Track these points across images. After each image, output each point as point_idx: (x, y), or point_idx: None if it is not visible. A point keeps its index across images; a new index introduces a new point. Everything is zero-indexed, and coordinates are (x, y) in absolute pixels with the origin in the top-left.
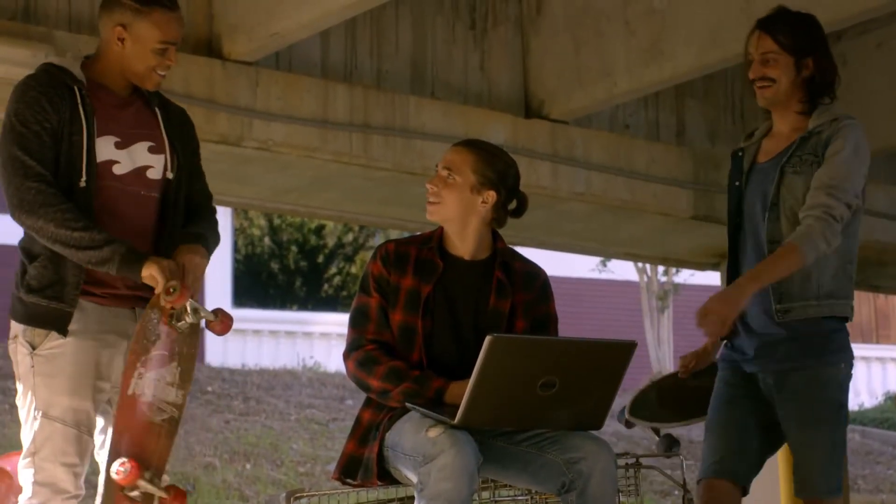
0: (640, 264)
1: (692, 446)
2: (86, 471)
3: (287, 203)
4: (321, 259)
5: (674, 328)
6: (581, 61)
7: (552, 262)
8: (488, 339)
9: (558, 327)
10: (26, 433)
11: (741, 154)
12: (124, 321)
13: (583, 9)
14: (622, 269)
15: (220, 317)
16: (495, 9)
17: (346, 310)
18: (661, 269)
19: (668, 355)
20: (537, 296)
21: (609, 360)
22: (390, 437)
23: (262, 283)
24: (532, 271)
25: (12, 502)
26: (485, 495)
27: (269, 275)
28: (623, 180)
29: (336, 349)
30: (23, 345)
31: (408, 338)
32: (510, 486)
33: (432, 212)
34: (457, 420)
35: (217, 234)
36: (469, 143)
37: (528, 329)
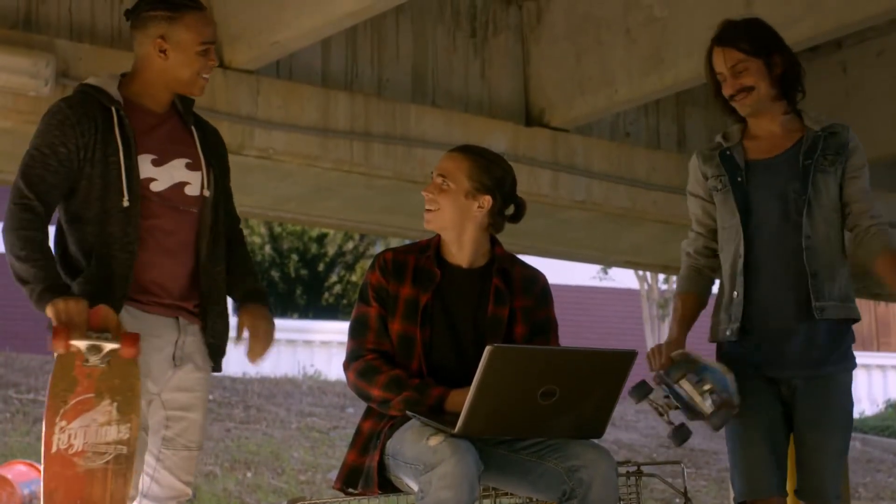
0: (640, 272)
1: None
2: (142, 466)
3: (288, 211)
4: (322, 267)
5: None
6: (582, 69)
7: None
8: (488, 348)
9: (559, 334)
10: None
11: (729, 153)
12: (167, 329)
13: (583, 17)
14: (623, 278)
15: (122, 341)
16: (496, 17)
17: (347, 318)
18: (661, 276)
19: None
20: (537, 301)
21: (609, 369)
22: (391, 446)
23: None
24: (531, 276)
25: None
26: (486, 503)
27: (270, 283)
28: (624, 188)
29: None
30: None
31: (407, 347)
32: (511, 494)
33: (429, 220)
34: (457, 429)
35: (253, 266)
36: (463, 148)
37: (528, 334)
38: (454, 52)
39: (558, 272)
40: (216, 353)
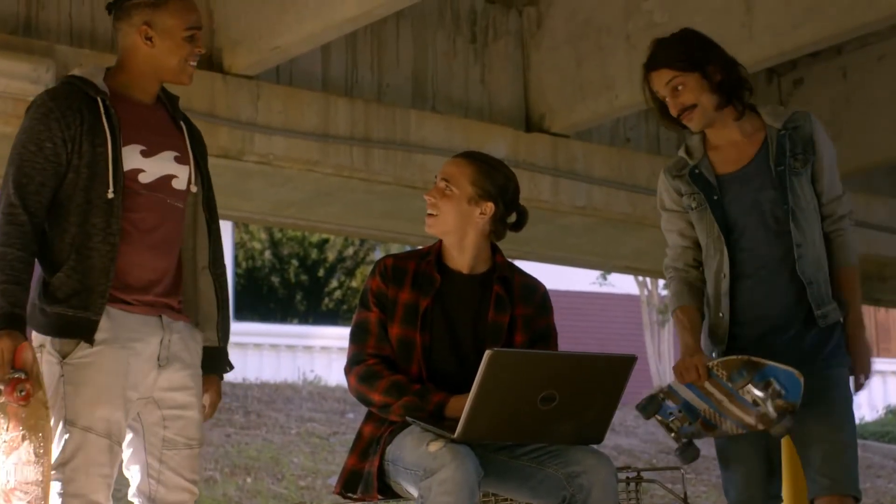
0: (640, 278)
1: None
2: (114, 481)
3: (288, 217)
4: (322, 273)
5: (674, 342)
6: (582, 75)
7: (553, 276)
8: (488, 353)
9: (558, 341)
10: (53, 444)
11: (698, 171)
12: (151, 328)
13: (584, 22)
14: (623, 283)
15: (6, 385)
16: (496, 22)
17: (347, 324)
18: (661, 282)
19: (668, 369)
20: (537, 309)
21: (609, 374)
22: (391, 452)
23: (263, 297)
24: (531, 285)
25: None
26: None
27: (270, 289)
28: (624, 194)
29: (337, 363)
30: (51, 353)
31: (406, 352)
32: (511, 500)
33: (431, 224)
34: (457, 434)
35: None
36: (468, 154)
37: (527, 343)
38: (454, 58)
39: (558, 277)
40: (220, 354)
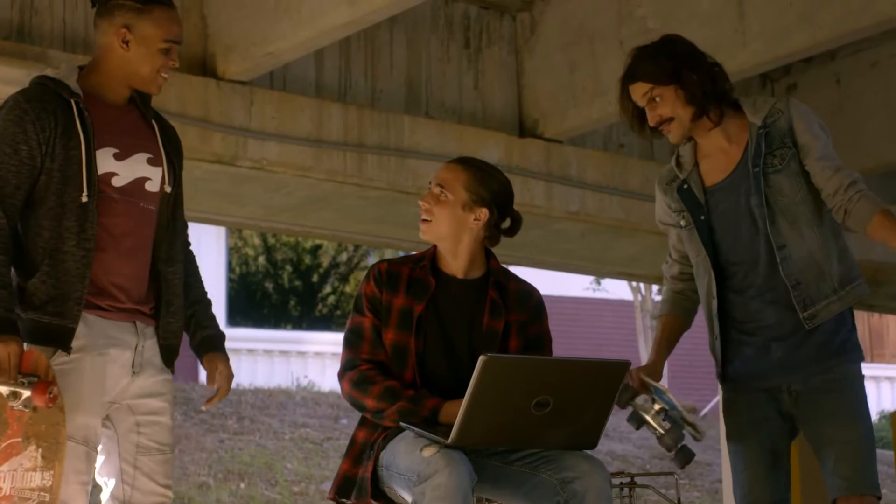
0: (634, 283)
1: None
2: (91, 486)
3: (281, 222)
4: (315, 278)
5: None
6: (575, 81)
7: (546, 281)
8: (481, 358)
9: (552, 346)
10: None
11: (686, 186)
12: (126, 335)
13: (577, 29)
14: (616, 289)
15: (34, 389)
16: (489, 28)
17: (341, 329)
18: (655, 288)
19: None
20: (531, 315)
21: (603, 379)
22: (385, 457)
23: (257, 303)
24: (526, 291)
25: None
26: None
27: (264, 294)
28: (617, 199)
29: (330, 368)
30: None
31: (401, 357)
32: None
33: (425, 230)
34: (451, 440)
35: (199, 276)
36: (462, 160)
37: (521, 348)
38: (448, 63)
39: (552, 283)
40: (169, 353)
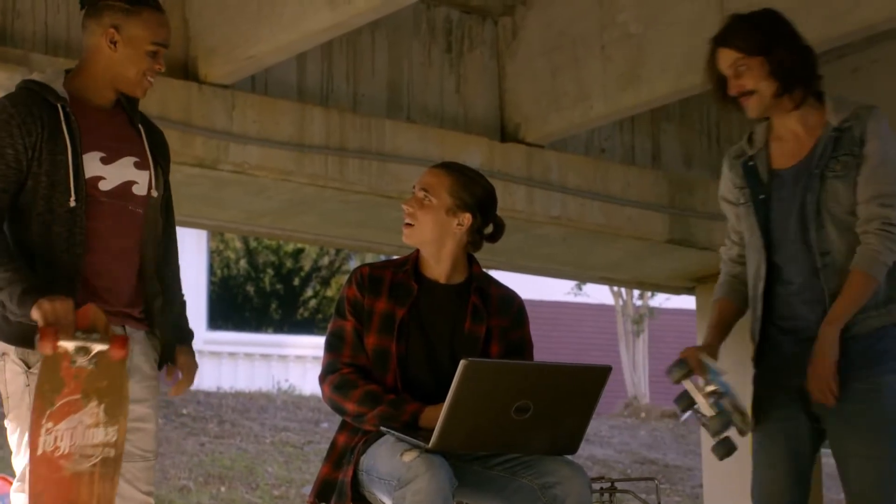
0: (615, 288)
1: (668, 470)
2: None
3: (263, 226)
4: (297, 282)
5: (649, 352)
6: (557, 85)
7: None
8: (462, 363)
9: (533, 351)
10: (20, 455)
11: (752, 163)
12: None
13: (559, 33)
14: (598, 293)
15: (112, 342)
16: (471, 33)
17: (322, 333)
18: (636, 293)
19: (643, 379)
20: (513, 321)
21: (583, 384)
22: (365, 461)
23: (238, 306)
24: (508, 296)
25: None
26: None
27: (245, 297)
28: (599, 204)
29: (311, 372)
30: (15, 363)
31: (382, 361)
32: None
33: (408, 234)
34: (431, 444)
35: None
36: (446, 165)
37: (503, 354)
38: (429, 68)
39: (533, 287)
40: (170, 351)
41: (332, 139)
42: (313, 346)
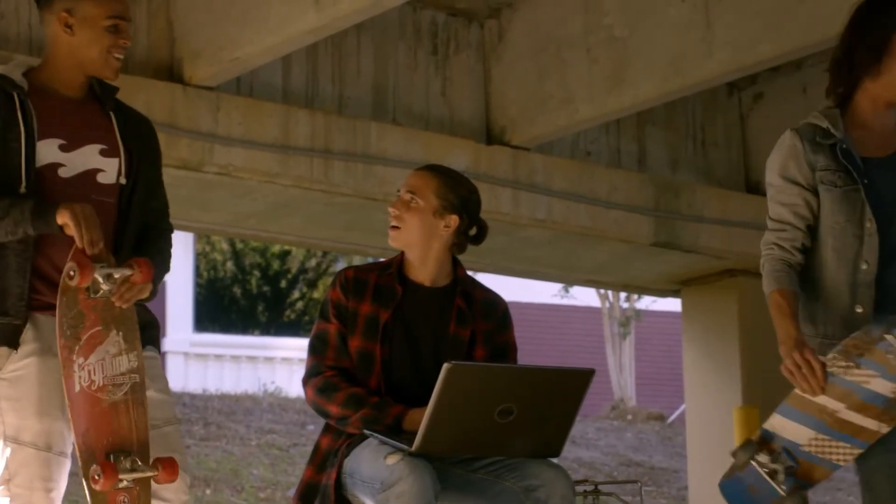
0: (602, 290)
1: (653, 473)
2: (63, 491)
3: (248, 228)
4: (284, 284)
5: (636, 354)
6: (543, 88)
7: (514, 288)
8: (445, 366)
9: (518, 355)
10: None
11: (845, 147)
12: None
13: (545, 36)
14: (584, 296)
15: (137, 267)
16: (457, 35)
17: (309, 335)
18: (622, 295)
19: (629, 381)
20: (497, 325)
21: (567, 387)
22: (348, 464)
23: (225, 308)
24: (492, 300)
25: None
26: None
27: (232, 299)
28: (584, 207)
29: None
30: None
31: (366, 364)
32: None
33: (395, 237)
34: (414, 447)
35: (167, 258)
36: (432, 167)
37: (487, 357)
38: (415, 70)
39: (519, 290)
40: (150, 331)
41: (318, 141)
42: (300, 348)
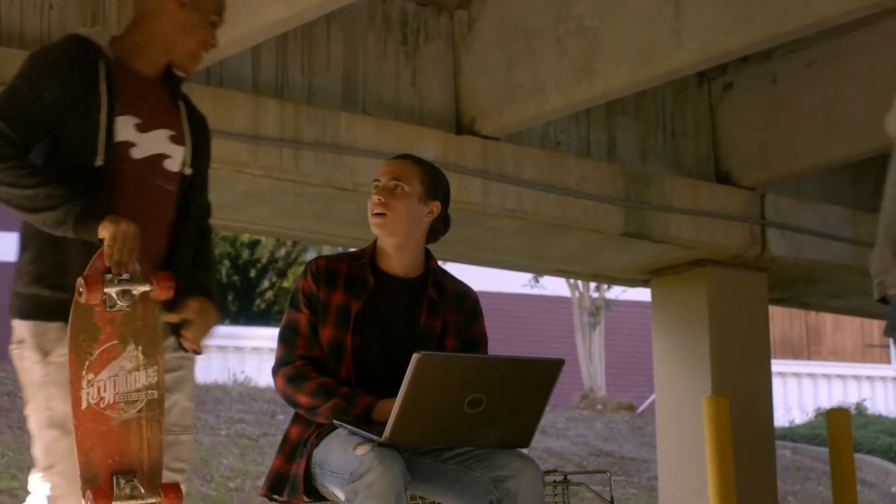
0: (571, 280)
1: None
2: None
3: (218, 218)
4: (254, 273)
5: (605, 344)
6: (512, 78)
7: (484, 278)
8: (415, 356)
9: (489, 345)
10: (39, 445)
11: None
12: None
13: (514, 26)
14: (554, 285)
15: (156, 283)
16: (427, 25)
17: (279, 324)
18: (592, 285)
19: (599, 371)
20: (468, 316)
21: (537, 377)
22: (318, 454)
23: None
24: (463, 291)
25: None
26: None
27: None
28: (554, 197)
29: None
30: (32, 351)
31: (337, 354)
32: (438, 503)
33: (381, 224)
34: (384, 438)
35: (215, 264)
36: (408, 156)
37: (458, 349)
38: (385, 60)
39: (489, 280)
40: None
41: (287, 131)
42: (269, 337)
